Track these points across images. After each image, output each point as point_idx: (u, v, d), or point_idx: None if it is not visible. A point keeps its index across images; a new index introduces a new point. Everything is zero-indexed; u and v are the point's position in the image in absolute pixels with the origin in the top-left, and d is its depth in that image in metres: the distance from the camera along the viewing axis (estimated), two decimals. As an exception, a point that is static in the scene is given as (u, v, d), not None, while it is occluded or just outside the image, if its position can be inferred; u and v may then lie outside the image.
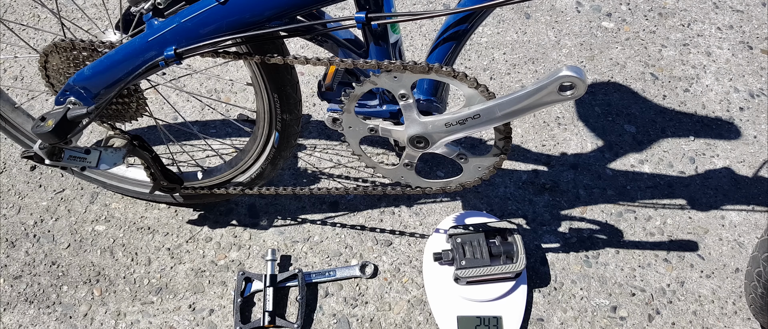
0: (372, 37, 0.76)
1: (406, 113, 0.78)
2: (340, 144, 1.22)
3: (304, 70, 1.35)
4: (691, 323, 0.99)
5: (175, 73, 1.35)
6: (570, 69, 0.66)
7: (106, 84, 0.81)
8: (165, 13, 0.74)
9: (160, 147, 1.18)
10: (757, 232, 1.09)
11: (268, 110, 0.90)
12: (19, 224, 1.13)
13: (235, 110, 1.29)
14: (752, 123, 1.24)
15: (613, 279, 1.04)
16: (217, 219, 1.12)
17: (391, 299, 1.02)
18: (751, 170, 1.17)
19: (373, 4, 0.71)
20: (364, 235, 1.10)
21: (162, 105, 1.28)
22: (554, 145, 1.21)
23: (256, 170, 1.00)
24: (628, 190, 1.15)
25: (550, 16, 1.46)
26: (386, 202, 1.13)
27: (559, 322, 0.99)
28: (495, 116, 0.74)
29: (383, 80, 0.74)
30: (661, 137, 1.22)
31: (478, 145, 1.21)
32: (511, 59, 1.37)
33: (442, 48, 0.79)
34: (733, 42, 1.39)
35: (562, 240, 1.08)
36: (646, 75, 1.33)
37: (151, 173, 0.97)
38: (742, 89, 1.30)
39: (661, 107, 1.28)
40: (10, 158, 1.22)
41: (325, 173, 1.18)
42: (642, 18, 1.44)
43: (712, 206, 1.12)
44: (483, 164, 0.85)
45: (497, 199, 1.13)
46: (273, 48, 0.78)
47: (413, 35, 1.43)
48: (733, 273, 1.04)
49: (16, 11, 1.48)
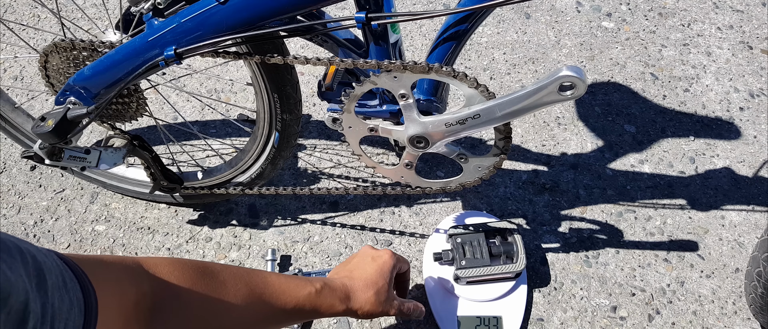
0: (372, 37, 0.76)
1: (406, 113, 0.78)
2: (340, 144, 1.22)
3: (304, 70, 1.35)
4: (691, 323, 0.99)
5: (175, 73, 1.35)
6: (570, 69, 0.66)
7: (106, 84, 0.81)
8: (165, 13, 0.74)
9: (160, 147, 1.18)
10: (757, 232, 1.09)
11: (268, 110, 0.90)
12: (19, 224, 1.13)
13: (235, 110, 1.29)
14: (752, 123, 1.24)
15: (613, 279, 1.04)
16: (217, 219, 1.12)
17: (391, 299, 1.02)
18: (751, 170, 1.17)
19: (373, 4, 0.71)
20: (364, 235, 1.10)
21: (162, 105, 1.28)
22: (554, 145, 1.21)
23: (256, 170, 1.00)
24: (628, 190, 1.15)
25: (550, 16, 1.46)
26: (386, 202, 1.13)
27: (559, 322, 0.99)
28: (495, 116, 0.74)
29: (383, 80, 0.74)
30: (661, 137, 1.22)
31: (478, 145, 1.21)
32: (511, 59, 1.37)
33: (442, 48, 0.79)
34: (733, 42, 1.39)
35: (562, 240, 1.08)
36: (646, 75, 1.33)
37: (151, 173, 0.97)
38: (742, 88, 1.30)
39: (661, 107, 1.28)
40: (10, 158, 1.22)
41: (325, 173, 1.18)
42: (642, 18, 1.44)
43: (712, 206, 1.12)
44: (483, 164, 0.85)
45: (497, 199, 1.13)
46: (273, 48, 0.79)
47: (413, 35, 1.43)
48: (733, 273, 1.04)
49: (16, 11, 1.48)
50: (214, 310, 0.60)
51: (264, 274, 0.69)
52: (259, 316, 0.66)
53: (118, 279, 0.51)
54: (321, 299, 0.72)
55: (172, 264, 0.59)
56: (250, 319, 0.65)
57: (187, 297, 0.58)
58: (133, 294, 0.52)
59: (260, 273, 0.68)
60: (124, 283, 0.52)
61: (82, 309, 0.43)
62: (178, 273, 0.58)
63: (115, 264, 0.52)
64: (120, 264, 0.53)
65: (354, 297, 0.76)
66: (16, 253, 0.37)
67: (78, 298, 0.43)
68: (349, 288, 0.76)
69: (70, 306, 0.42)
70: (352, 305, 0.76)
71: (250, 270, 0.68)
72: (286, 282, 0.70)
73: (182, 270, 0.59)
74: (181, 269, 0.59)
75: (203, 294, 0.59)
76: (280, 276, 0.71)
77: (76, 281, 0.44)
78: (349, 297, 0.76)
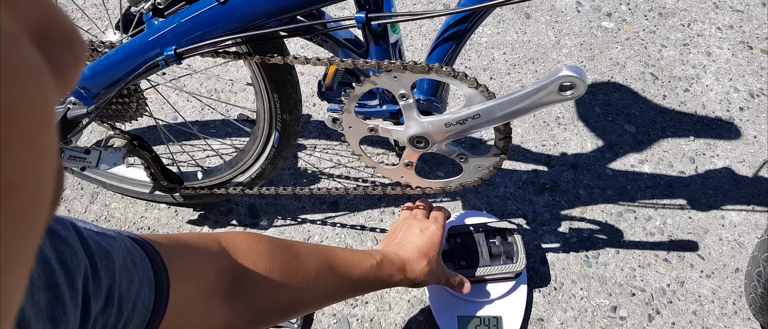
0: (372, 37, 0.76)
1: (406, 113, 0.78)
2: (340, 144, 1.22)
3: (304, 70, 1.35)
4: (691, 323, 0.99)
5: (175, 73, 1.35)
6: (570, 69, 0.66)
7: (105, 84, 0.81)
8: (165, 13, 0.74)
9: (160, 147, 1.18)
10: (757, 232, 1.09)
11: (268, 110, 0.90)
12: (19, 224, 1.13)
13: (235, 110, 1.29)
14: (752, 123, 1.24)
15: (613, 279, 1.04)
16: (217, 219, 1.12)
17: (390, 299, 1.02)
18: (751, 170, 1.17)
19: (373, 4, 0.71)
20: (364, 235, 1.10)
21: (162, 105, 1.28)
22: (554, 145, 1.21)
23: (256, 170, 1.00)
24: (628, 190, 1.15)
25: (550, 16, 1.46)
26: (386, 202, 1.13)
27: (559, 322, 0.99)
28: (495, 116, 0.74)
29: (383, 80, 0.74)
30: (661, 137, 1.22)
31: (478, 145, 1.21)
32: (511, 59, 1.37)
33: (442, 48, 0.79)
34: (733, 42, 1.39)
35: (562, 240, 1.08)
36: (646, 75, 1.33)
37: (151, 173, 0.97)
38: (742, 88, 1.30)
39: (661, 107, 1.28)
40: (10, 158, 1.22)
41: (325, 173, 1.18)
42: (642, 18, 1.44)
43: (712, 206, 1.12)
44: (483, 164, 0.85)
45: (497, 199, 1.13)
46: (273, 48, 0.79)
47: (413, 35, 1.43)
48: (733, 273, 1.04)
49: (16, 11, 1.48)
50: (292, 282, 0.62)
51: (330, 248, 0.71)
52: (330, 288, 0.68)
53: (195, 257, 0.52)
54: (382, 270, 0.75)
55: (250, 238, 0.60)
56: (323, 291, 0.67)
57: (266, 270, 0.59)
58: (212, 269, 0.53)
59: (327, 247, 0.71)
60: (201, 260, 0.53)
61: (152, 289, 0.44)
62: (256, 246, 0.59)
63: (192, 241, 0.54)
64: (198, 241, 0.54)
65: (409, 268, 0.79)
66: (75, 237, 0.38)
67: (148, 278, 0.44)
68: (404, 259, 0.79)
69: (140, 286, 0.43)
70: (409, 275, 0.79)
71: (317, 245, 0.70)
72: (351, 255, 0.72)
73: (259, 244, 0.60)
74: (257, 242, 0.60)
75: (281, 266, 0.61)
76: (344, 250, 0.73)
77: (148, 260, 0.45)
78: (405, 268, 0.79)
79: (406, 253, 0.80)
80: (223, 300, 0.54)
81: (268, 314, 0.60)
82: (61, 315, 0.34)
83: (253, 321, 0.58)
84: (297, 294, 0.63)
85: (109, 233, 0.43)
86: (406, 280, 0.79)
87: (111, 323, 0.40)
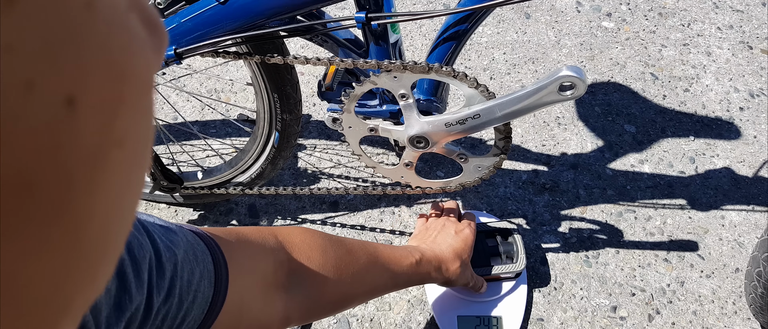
0: (372, 37, 0.76)
1: (406, 113, 0.78)
2: (340, 144, 1.22)
3: (304, 70, 1.35)
4: (691, 323, 0.99)
5: (175, 73, 1.35)
6: (570, 69, 0.66)
7: (106, 84, 0.81)
8: (165, 13, 0.74)
9: (160, 147, 1.18)
10: (757, 232, 1.09)
11: (268, 110, 0.90)
12: (19, 224, 1.13)
13: (235, 110, 1.29)
14: (752, 123, 1.24)
15: (613, 279, 1.04)
16: (217, 219, 1.12)
17: (390, 299, 1.02)
18: (751, 170, 1.17)
19: (373, 4, 0.71)
20: (364, 235, 1.10)
21: (162, 105, 1.28)
22: (554, 145, 1.21)
23: (256, 170, 1.00)
24: (628, 190, 1.15)
25: (550, 16, 1.46)
26: (386, 202, 1.13)
27: (559, 322, 0.99)
28: (495, 115, 0.74)
29: (383, 80, 0.74)
30: (661, 137, 1.22)
31: (478, 145, 1.21)
32: (511, 59, 1.37)
33: (442, 48, 0.79)
34: (733, 42, 1.39)
35: (562, 240, 1.08)
36: (646, 75, 1.33)
37: (150, 173, 0.97)
38: (742, 88, 1.30)
39: (661, 107, 1.28)
40: (10, 158, 1.22)
41: (325, 173, 1.18)
42: (642, 18, 1.44)
43: (712, 206, 1.12)
44: (483, 164, 0.85)
45: (497, 199, 1.13)
46: (273, 48, 0.79)
47: (413, 35, 1.43)
48: (733, 273, 1.04)
49: (16, 11, 1.48)
50: (343, 276, 0.64)
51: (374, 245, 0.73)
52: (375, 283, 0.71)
53: (253, 251, 0.54)
54: (421, 268, 0.77)
55: (305, 233, 0.62)
56: (371, 286, 0.70)
57: (320, 265, 0.61)
58: (270, 263, 0.55)
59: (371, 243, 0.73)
60: (260, 254, 0.54)
61: (211, 281, 0.46)
62: (310, 241, 0.61)
63: (251, 235, 0.55)
64: (257, 235, 0.56)
65: (445, 267, 0.82)
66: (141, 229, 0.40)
67: (209, 270, 0.45)
68: (440, 259, 0.82)
69: (200, 278, 0.44)
70: (444, 274, 0.82)
71: (363, 241, 0.72)
72: (393, 253, 0.74)
73: (313, 238, 0.62)
74: (312, 237, 0.62)
75: (334, 261, 0.63)
76: (386, 246, 0.75)
77: (208, 253, 0.46)
78: (441, 268, 0.81)
79: (442, 253, 0.83)
80: (281, 292, 0.56)
81: (321, 306, 0.62)
82: (127, 304, 0.35)
83: (308, 313, 0.60)
84: (347, 288, 0.65)
85: (171, 226, 0.44)
86: (441, 278, 0.82)
87: (171, 313, 0.41)
